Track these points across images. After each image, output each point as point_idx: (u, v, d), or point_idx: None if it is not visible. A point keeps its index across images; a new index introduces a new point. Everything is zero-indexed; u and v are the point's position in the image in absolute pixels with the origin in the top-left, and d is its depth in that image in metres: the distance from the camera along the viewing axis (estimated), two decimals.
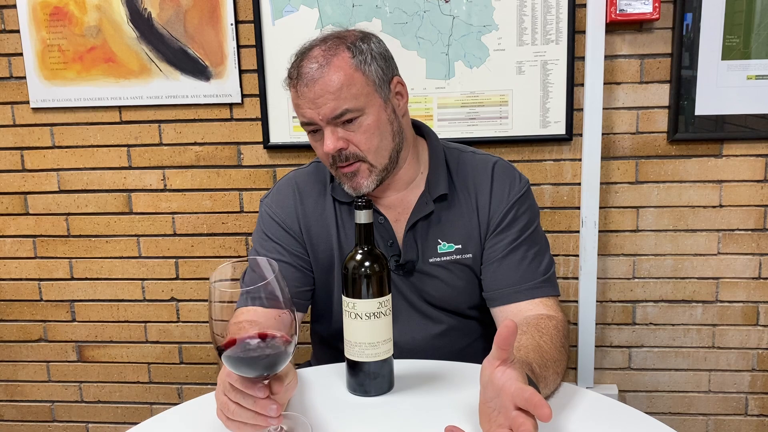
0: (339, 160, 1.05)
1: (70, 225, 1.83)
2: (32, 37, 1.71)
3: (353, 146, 1.04)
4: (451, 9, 1.60)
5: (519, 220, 1.13)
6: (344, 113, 1.02)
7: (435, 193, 1.13)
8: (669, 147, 1.65)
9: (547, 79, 1.62)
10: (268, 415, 0.77)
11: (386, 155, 1.07)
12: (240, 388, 0.78)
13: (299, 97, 1.04)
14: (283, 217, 1.16)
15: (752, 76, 1.57)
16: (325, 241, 1.15)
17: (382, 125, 1.06)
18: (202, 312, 1.85)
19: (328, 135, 1.03)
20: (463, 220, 1.14)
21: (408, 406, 0.92)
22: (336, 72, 1.01)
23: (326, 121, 1.02)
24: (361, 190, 1.07)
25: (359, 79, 1.02)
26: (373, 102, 1.04)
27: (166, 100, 1.72)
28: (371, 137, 1.04)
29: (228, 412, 0.80)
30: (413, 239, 1.13)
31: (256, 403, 0.77)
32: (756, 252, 1.68)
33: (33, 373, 1.94)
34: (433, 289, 1.14)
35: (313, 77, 1.01)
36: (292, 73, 1.05)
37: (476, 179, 1.15)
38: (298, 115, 1.07)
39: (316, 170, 1.20)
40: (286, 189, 1.19)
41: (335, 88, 1.00)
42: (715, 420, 1.77)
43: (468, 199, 1.14)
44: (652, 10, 1.52)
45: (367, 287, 0.91)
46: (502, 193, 1.14)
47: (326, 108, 1.01)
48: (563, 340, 1.01)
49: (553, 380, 0.93)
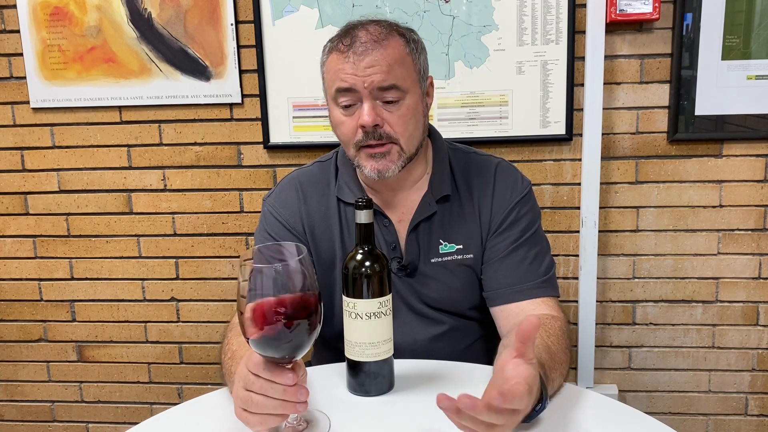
0: (372, 137, 1.03)
1: (70, 225, 1.83)
2: (32, 37, 1.71)
3: (388, 127, 1.03)
4: (451, 9, 1.60)
5: (521, 221, 1.13)
6: (391, 87, 1.01)
7: (438, 194, 1.13)
8: (669, 147, 1.65)
9: (547, 79, 1.62)
10: (298, 400, 0.76)
11: (415, 144, 1.08)
12: (267, 378, 0.76)
13: (345, 63, 1.01)
14: (286, 216, 1.16)
15: (752, 76, 1.57)
16: (327, 240, 1.15)
17: (417, 114, 1.07)
18: (202, 312, 1.85)
19: (368, 107, 1.01)
20: (465, 221, 1.14)
21: (408, 406, 0.92)
22: (392, 49, 1.02)
23: (370, 90, 1.01)
24: (387, 173, 1.05)
25: (409, 63, 1.04)
26: (415, 89, 1.05)
27: (166, 100, 1.72)
28: (407, 121, 1.04)
29: (252, 406, 0.77)
30: (415, 240, 1.13)
31: (285, 391, 0.76)
32: (756, 252, 1.68)
33: (33, 373, 1.94)
34: (433, 289, 1.14)
35: (369, 47, 1.01)
36: (342, 39, 1.03)
37: (479, 180, 1.15)
38: (334, 82, 1.03)
39: (320, 170, 1.20)
40: (290, 188, 1.18)
41: (389, 62, 1.01)
42: (715, 420, 1.77)
43: (470, 200, 1.14)
44: (652, 10, 1.52)
45: (368, 287, 0.91)
46: (504, 195, 1.14)
47: (376, 77, 1.00)
48: (567, 342, 1.01)
49: (558, 382, 0.94)
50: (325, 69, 1.07)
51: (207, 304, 1.84)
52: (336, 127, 1.08)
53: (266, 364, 0.77)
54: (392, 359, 0.96)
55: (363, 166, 1.06)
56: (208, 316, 1.85)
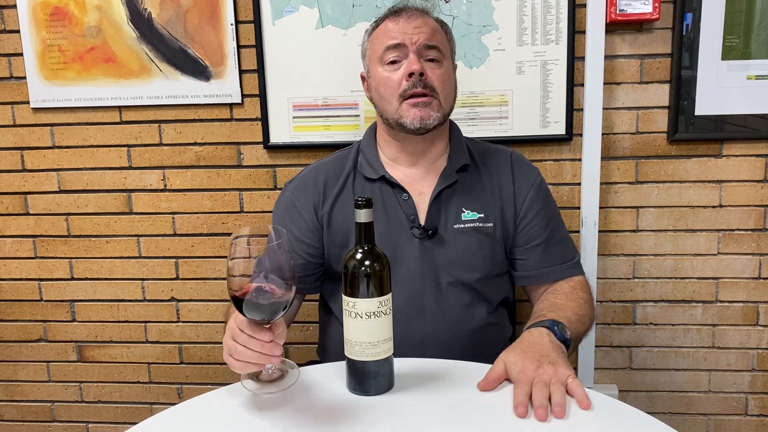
0: (417, 85, 1.15)
1: (70, 225, 1.83)
2: (32, 37, 1.71)
3: (431, 79, 1.16)
4: (451, 9, 1.60)
5: (547, 200, 1.29)
6: (434, 47, 1.18)
7: (457, 164, 1.24)
8: (669, 147, 1.65)
9: (547, 79, 1.62)
10: (273, 354, 0.89)
11: (448, 105, 1.21)
12: (249, 333, 0.89)
13: (396, 24, 1.18)
14: (303, 203, 1.26)
15: (752, 76, 1.57)
16: (341, 222, 1.24)
17: (452, 80, 1.22)
18: (202, 312, 1.85)
19: (414, 58, 1.16)
20: (485, 193, 1.25)
21: (408, 405, 0.92)
22: (434, 21, 1.22)
23: (417, 46, 1.16)
24: (429, 121, 1.16)
25: (445, 38, 1.23)
26: (449, 60, 1.22)
27: (166, 100, 1.72)
28: (446, 81, 1.19)
29: (235, 354, 0.91)
30: (437, 207, 1.22)
31: (263, 345, 0.89)
32: (756, 252, 1.68)
33: (33, 373, 1.94)
34: (454, 252, 1.22)
35: (417, 14, 1.20)
36: (393, 9, 1.22)
37: (495, 161, 1.29)
38: (384, 41, 1.18)
39: (338, 157, 1.32)
40: (311, 176, 1.30)
41: (432, 28, 1.19)
42: (715, 420, 1.77)
43: (489, 174, 1.27)
44: (652, 10, 1.52)
45: (368, 286, 0.91)
46: (526, 178, 1.28)
47: (423, 36, 1.16)
48: (581, 294, 1.21)
49: (576, 319, 1.12)
50: (373, 37, 1.23)
51: (207, 304, 1.84)
52: (380, 84, 1.20)
53: (249, 323, 0.90)
54: (392, 358, 0.96)
55: (405, 116, 1.17)
56: (208, 316, 1.85)
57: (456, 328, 1.20)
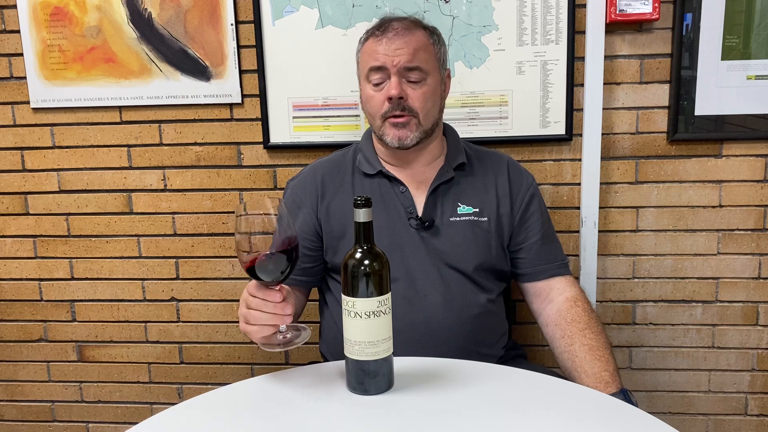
0: (396, 108, 1.21)
1: (70, 225, 1.83)
2: (32, 37, 1.71)
3: (410, 101, 1.21)
4: (451, 9, 1.60)
5: (543, 209, 1.35)
6: (415, 68, 1.21)
7: (454, 162, 1.30)
8: (669, 147, 1.65)
9: (547, 79, 1.62)
10: (285, 314, 0.96)
11: (431, 121, 1.25)
12: (261, 297, 0.96)
13: (379, 45, 1.21)
14: (304, 199, 1.32)
15: (752, 76, 1.58)
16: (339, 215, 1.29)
17: (435, 95, 1.25)
18: (202, 312, 1.85)
19: (395, 82, 1.20)
20: (480, 189, 1.31)
21: (408, 405, 0.92)
22: (418, 37, 1.22)
23: (398, 69, 1.20)
24: (407, 141, 1.23)
25: (431, 50, 1.24)
26: (435, 73, 1.24)
27: (167, 100, 1.72)
28: (427, 99, 1.23)
29: (251, 319, 0.98)
30: (434, 201, 1.28)
31: (275, 306, 0.96)
32: (756, 252, 1.68)
33: (33, 373, 1.94)
34: (449, 243, 1.26)
35: (399, 33, 1.21)
36: (378, 27, 1.24)
37: (492, 163, 1.35)
38: (368, 62, 1.23)
39: (338, 156, 1.38)
40: (311, 173, 1.35)
41: (414, 47, 1.21)
42: (715, 420, 1.77)
43: (485, 173, 1.33)
44: (651, 10, 1.52)
45: (367, 286, 0.91)
46: (520, 181, 1.34)
47: (403, 58, 1.20)
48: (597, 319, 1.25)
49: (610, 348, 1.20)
50: (361, 53, 1.27)
51: (207, 304, 1.84)
52: (366, 102, 1.26)
53: (260, 287, 0.97)
54: (392, 358, 0.96)
55: (386, 134, 1.24)
56: (208, 316, 1.85)
57: (457, 313, 1.24)
